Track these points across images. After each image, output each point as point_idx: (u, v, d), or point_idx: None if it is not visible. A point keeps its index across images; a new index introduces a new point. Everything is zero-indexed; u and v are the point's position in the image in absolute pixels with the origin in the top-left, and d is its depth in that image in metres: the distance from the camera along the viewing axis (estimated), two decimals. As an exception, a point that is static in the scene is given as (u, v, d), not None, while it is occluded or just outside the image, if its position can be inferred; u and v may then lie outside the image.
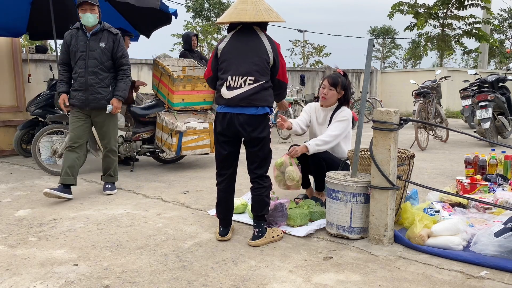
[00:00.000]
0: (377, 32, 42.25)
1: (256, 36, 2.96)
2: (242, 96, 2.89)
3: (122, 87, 4.26)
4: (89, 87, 4.14)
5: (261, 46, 2.93)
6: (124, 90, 4.27)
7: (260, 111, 2.92)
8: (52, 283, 2.41)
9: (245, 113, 2.90)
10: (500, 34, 29.09)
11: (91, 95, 4.15)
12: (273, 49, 2.95)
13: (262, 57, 2.91)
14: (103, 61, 4.17)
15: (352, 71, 14.44)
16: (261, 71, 2.91)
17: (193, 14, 24.50)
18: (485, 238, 2.77)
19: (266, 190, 3.00)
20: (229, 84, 2.93)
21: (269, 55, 2.92)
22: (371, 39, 3.16)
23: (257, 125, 2.92)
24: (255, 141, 2.97)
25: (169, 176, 5.22)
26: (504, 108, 7.73)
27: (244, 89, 2.89)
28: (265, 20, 2.92)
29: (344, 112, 3.72)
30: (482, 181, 4.01)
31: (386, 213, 2.90)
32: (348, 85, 3.78)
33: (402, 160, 3.15)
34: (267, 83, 2.94)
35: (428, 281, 2.42)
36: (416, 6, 14.88)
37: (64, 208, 3.87)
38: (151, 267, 2.61)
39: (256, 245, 2.94)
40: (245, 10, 2.88)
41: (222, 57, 2.99)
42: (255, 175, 3.02)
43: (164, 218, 3.57)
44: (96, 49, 4.13)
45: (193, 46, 7.21)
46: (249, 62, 2.90)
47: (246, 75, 2.89)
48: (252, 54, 2.91)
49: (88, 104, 4.17)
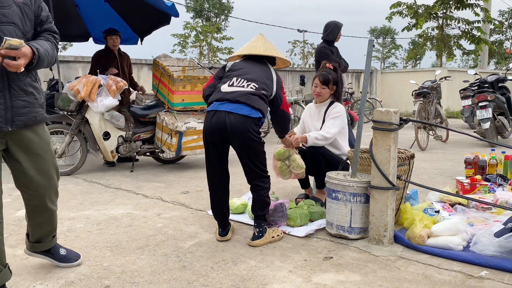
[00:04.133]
0: (377, 32, 42.26)
1: (266, 65, 3.16)
2: (242, 93, 2.90)
3: (45, 45, 2.21)
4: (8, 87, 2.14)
5: (270, 72, 3.11)
6: (47, 50, 2.19)
7: (254, 113, 2.85)
8: (52, 283, 2.41)
9: (238, 112, 2.82)
10: (499, 35, 29.10)
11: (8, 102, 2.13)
12: (277, 81, 3.10)
13: (269, 79, 3.06)
14: (25, 28, 2.19)
15: (352, 71, 14.44)
16: (265, 87, 2.98)
17: (193, 14, 24.51)
18: (485, 238, 2.77)
19: (266, 191, 2.99)
20: (232, 82, 2.98)
21: (273, 83, 3.06)
22: (371, 39, 3.17)
23: (248, 127, 2.82)
24: (245, 146, 2.86)
25: (169, 176, 5.22)
26: (504, 108, 7.74)
27: (246, 89, 2.92)
28: (274, 55, 3.15)
29: (337, 108, 3.74)
30: (482, 181, 4.01)
31: (386, 213, 2.90)
32: (339, 79, 3.76)
33: (402, 160, 3.15)
34: (267, 97, 2.98)
35: (428, 281, 2.42)
36: (415, 7, 14.86)
37: (64, 208, 3.87)
38: (151, 267, 2.61)
39: (256, 245, 2.94)
40: (255, 48, 3.14)
41: (232, 67, 3.13)
42: (253, 182, 2.99)
43: (164, 218, 3.57)
44: (11, 5, 2.13)
45: (337, 39, 6.23)
46: (257, 74, 3.03)
47: (252, 81, 2.96)
48: (262, 72, 3.07)
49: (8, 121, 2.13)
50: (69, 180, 5.01)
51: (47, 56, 2.18)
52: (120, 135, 5.36)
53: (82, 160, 5.31)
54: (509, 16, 29.90)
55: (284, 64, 3.38)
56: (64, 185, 4.75)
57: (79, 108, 5.17)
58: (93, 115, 5.12)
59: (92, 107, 5.03)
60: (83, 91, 4.94)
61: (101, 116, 5.17)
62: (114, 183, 4.84)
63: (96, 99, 5.01)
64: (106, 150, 5.25)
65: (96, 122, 5.12)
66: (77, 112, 5.19)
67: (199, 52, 21.00)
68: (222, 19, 24.51)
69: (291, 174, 3.57)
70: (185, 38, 20.52)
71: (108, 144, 5.25)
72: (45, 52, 2.17)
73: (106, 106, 5.05)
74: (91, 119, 5.12)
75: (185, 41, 20.68)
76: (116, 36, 5.83)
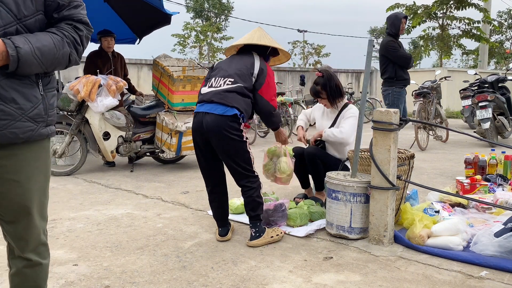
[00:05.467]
0: (377, 32, 42.21)
1: (250, 55, 3.08)
2: (216, 92, 2.91)
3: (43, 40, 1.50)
4: None
5: (250, 60, 3.03)
6: (41, 48, 1.48)
7: (228, 111, 2.82)
8: (52, 283, 2.41)
9: (212, 112, 2.83)
10: (499, 35, 29.09)
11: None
12: (261, 67, 3.01)
13: (246, 67, 2.99)
14: (21, 11, 1.48)
15: (352, 71, 14.44)
16: (242, 76, 2.95)
17: (193, 14, 24.49)
18: (485, 238, 2.77)
19: (255, 191, 2.93)
20: (211, 83, 3.00)
21: (254, 69, 2.99)
22: (371, 39, 3.17)
23: (223, 125, 2.79)
24: (223, 145, 2.84)
25: (169, 176, 5.22)
26: (504, 108, 7.74)
27: (222, 87, 2.92)
28: (268, 44, 3.06)
29: (352, 109, 3.79)
30: (482, 181, 4.01)
31: (386, 213, 2.90)
32: (325, 83, 3.69)
33: (402, 160, 3.16)
34: (246, 89, 2.93)
35: (428, 281, 2.42)
36: (415, 8, 14.84)
37: (64, 208, 3.87)
38: (151, 267, 2.61)
39: (254, 245, 2.93)
40: (251, 39, 3.08)
41: (215, 67, 3.13)
42: (240, 183, 2.98)
43: (164, 218, 3.57)
44: None
45: (401, 31, 6.04)
46: (233, 68, 3.00)
47: (227, 77, 2.95)
48: (241, 64, 3.01)
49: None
50: (69, 180, 5.01)
51: (40, 56, 1.47)
52: (120, 135, 5.36)
53: (82, 160, 5.31)
54: (508, 16, 29.90)
55: (285, 57, 3.34)
56: (64, 185, 4.75)
57: (79, 108, 5.17)
58: (93, 115, 5.12)
59: (92, 107, 5.03)
60: (83, 91, 4.94)
61: (101, 116, 5.17)
62: (114, 183, 4.84)
63: (96, 99, 5.01)
64: (106, 150, 5.25)
65: (96, 122, 5.12)
66: (77, 112, 5.19)
67: (199, 52, 20.99)
68: (222, 19, 24.51)
69: (274, 177, 3.41)
70: (185, 38, 20.52)
71: (108, 144, 5.25)
72: (37, 50, 1.46)
73: (106, 106, 5.05)
74: (91, 119, 5.12)
75: (185, 41, 20.68)
76: (110, 37, 5.78)
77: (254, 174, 2.97)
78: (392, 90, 6.07)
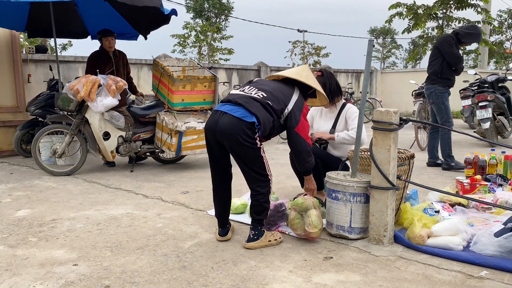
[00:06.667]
0: (377, 32, 42.24)
1: (291, 87, 3.07)
2: (243, 95, 2.91)
3: None
4: None
5: (290, 91, 3.03)
6: None
7: (248, 117, 2.76)
8: (52, 283, 2.41)
9: (231, 114, 2.79)
10: (499, 35, 29.09)
11: None
12: (296, 102, 3.00)
13: (284, 94, 2.98)
14: None
15: (352, 71, 14.44)
16: (275, 98, 2.93)
17: (193, 14, 24.48)
18: (485, 238, 2.77)
19: (264, 196, 2.91)
20: (243, 89, 3.02)
21: (290, 101, 2.98)
22: (371, 39, 3.17)
23: (237, 130, 2.74)
24: (236, 149, 2.82)
25: (169, 176, 5.22)
26: (504, 108, 7.74)
27: (251, 95, 2.93)
28: (306, 82, 3.07)
29: (353, 108, 3.82)
30: (482, 181, 4.01)
31: (386, 213, 2.90)
32: (325, 82, 3.67)
33: (402, 160, 3.16)
34: (272, 109, 2.89)
35: (428, 281, 2.42)
36: (415, 7, 14.84)
37: (64, 208, 3.87)
38: (151, 267, 2.61)
39: (250, 247, 2.91)
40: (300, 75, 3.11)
41: (255, 80, 3.16)
42: (250, 186, 2.96)
43: (164, 218, 3.57)
44: None
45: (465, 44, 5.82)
46: (271, 87, 3.00)
47: (261, 91, 2.95)
48: (280, 89, 3.02)
49: None
50: (69, 180, 5.01)
51: None
52: (120, 135, 5.36)
53: (82, 160, 5.31)
54: (508, 16, 29.89)
55: (321, 103, 3.40)
56: (64, 185, 4.76)
57: (79, 108, 5.17)
58: (93, 115, 5.12)
59: (91, 107, 5.03)
60: (82, 91, 4.94)
61: (101, 116, 5.17)
62: (114, 183, 4.84)
63: (96, 99, 5.01)
64: (106, 150, 5.25)
65: (96, 122, 5.13)
66: (77, 112, 5.19)
67: (198, 52, 20.97)
68: (222, 19, 24.50)
69: (304, 231, 3.01)
70: (185, 38, 20.51)
71: (108, 144, 5.25)
72: None
73: (106, 106, 5.05)
74: (91, 119, 5.13)
75: (185, 41, 20.66)
76: (111, 37, 5.76)
77: (267, 178, 2.91)
78: (434, 88, 5.78)
